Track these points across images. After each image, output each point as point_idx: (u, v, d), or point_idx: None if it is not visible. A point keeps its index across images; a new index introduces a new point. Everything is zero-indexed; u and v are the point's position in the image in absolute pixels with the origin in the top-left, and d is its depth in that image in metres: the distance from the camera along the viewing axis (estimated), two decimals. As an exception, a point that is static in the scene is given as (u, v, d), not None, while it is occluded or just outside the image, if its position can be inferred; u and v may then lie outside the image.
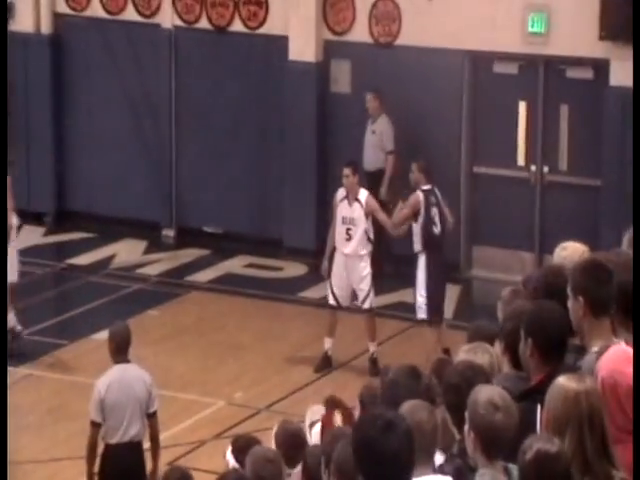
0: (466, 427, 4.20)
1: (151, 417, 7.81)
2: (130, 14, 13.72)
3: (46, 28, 13.98)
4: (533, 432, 4.21)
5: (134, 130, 13.77)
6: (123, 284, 12.41)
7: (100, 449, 7.75)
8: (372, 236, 10.54)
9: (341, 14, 13.05)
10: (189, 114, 13.58)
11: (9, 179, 10.52)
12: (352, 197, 10.45)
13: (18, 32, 13.89)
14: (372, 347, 10.61)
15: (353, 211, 10.46)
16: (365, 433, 3.69)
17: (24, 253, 13.10)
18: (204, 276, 12.72)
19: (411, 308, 10.81)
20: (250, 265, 12.99)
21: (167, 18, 13.63)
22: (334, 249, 10.61)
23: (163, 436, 9.17)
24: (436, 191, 10.48)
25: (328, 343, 10.63)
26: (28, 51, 13.89)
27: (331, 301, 10.57)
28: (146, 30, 13.63)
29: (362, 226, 10.42)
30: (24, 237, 13.56)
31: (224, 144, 13.48)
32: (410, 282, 11.36)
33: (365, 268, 10.46)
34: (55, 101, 13.96)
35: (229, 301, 12.13)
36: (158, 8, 13.67)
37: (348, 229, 10.45)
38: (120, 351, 7.77)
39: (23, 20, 13.90)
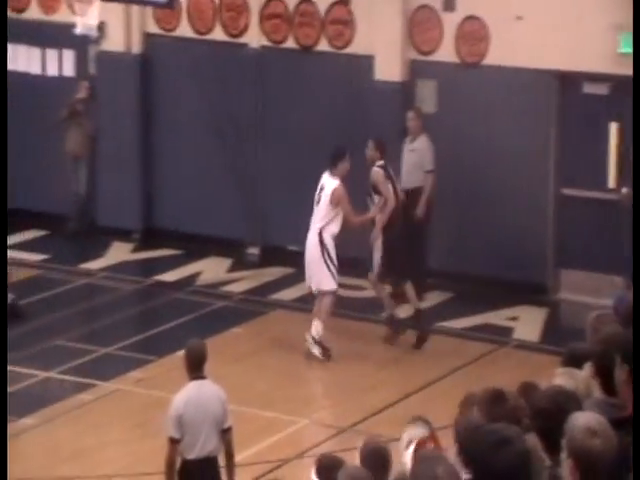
0: (563, 454, 4.13)
1: (226, 433, 7.84)
2: (218, 34, 13.87)
3: (136, 48, 14.21)
4: (627, 462, 4.11)
5: (220, 148, 13.89)
6: (208, 301, 12.51)
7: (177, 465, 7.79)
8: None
9: (427, 34, 13.03)
10: (274, 133, 13.67)
11: None
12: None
13: (109, 51, 14.14)
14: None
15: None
16: (478, 448, 3.65)
17: (113, 269, 13.34)
18: (288, 294, 12.75)
19: (496, 330, 10.72)
20: (333, 284, 12.97)
21: (254, 38, 13.75)
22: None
23: (245, 454, 9.22)
24: (388, 167, 11.51)
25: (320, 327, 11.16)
26: (118, 70, 14.14)
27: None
28: (233, 50, 13.78)
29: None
30: (113, 253, 13.80)
31: (309, 163, 13.50)
32: (493, 304, 11.25)
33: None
34: (143, 119, 14.16)
35: (311, 320, 12.11)
36: (245, 28, 13.81)
37: None
38: (196, 367, 7.84)
39: (114, 40, 14.13)
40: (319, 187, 11.38)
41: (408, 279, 11.31)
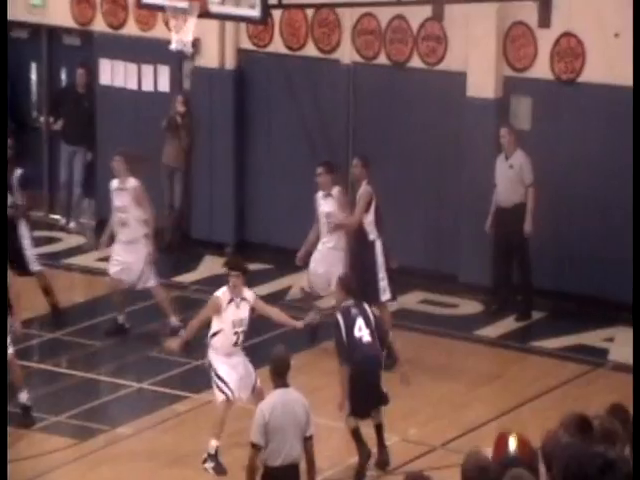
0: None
1: (308, 440, 7.89)
2: (310, 50, 13.97)
3: (230, 63, 14.37)
4: None
5: (312, 164, 13.93)
6: (298, 316, 12.52)
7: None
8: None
9: (522, 50, 12.95)
10: (366, 148, 13.67)
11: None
12: (327, 193, 11.83)
13: (203, 67, 14.33)
14: None
15: (329, 205, 11.76)
16: (582, 470, 3.60)
17: (205, 282, 13.46)
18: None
19: (591, 351, 10.56)
20: (425, 301, 12.93)
21: (346, 54, 13.81)
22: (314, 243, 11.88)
23: (336, 469, 9.23)
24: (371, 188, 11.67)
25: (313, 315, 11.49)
26: (213, 85, 14.30)
27: (307, 289, 11.86)
28: (325, 65, 13.85)
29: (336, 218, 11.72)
30: (206, 267, 13.94)
31: (401, 179, 13.51)
32: (588, 324, 11.06)
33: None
34: (237, 134, 14.29)
35: (403, 337, 12.04)
36: (338, 44, 13.87)
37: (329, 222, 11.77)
38: (281, 375, 7.95)
39: (209, 56, 14.31)
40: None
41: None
